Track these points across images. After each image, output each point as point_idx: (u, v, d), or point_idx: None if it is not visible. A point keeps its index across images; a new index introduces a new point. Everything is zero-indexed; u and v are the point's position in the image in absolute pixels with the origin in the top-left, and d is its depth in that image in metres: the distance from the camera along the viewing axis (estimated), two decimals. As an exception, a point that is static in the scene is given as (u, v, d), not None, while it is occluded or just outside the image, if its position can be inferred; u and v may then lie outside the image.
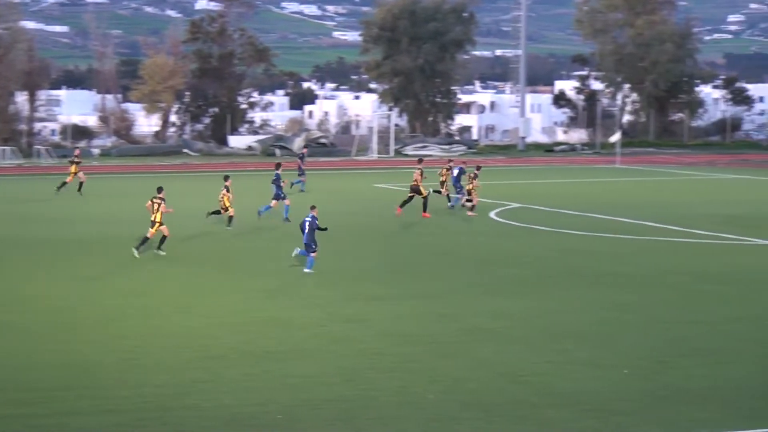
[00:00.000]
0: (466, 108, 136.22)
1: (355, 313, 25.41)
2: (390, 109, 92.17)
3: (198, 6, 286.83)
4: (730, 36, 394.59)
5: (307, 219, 31.04)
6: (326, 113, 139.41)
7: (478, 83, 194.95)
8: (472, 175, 44.88)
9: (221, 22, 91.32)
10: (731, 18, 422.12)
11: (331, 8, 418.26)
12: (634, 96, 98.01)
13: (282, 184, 42.73)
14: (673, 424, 17.18)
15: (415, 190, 43.37)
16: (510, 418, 17.51)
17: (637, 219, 42.43)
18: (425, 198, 43.19)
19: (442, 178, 46.18)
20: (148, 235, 33.41)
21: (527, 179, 61.47)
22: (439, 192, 45.92)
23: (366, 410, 17.88)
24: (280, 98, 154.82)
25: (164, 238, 33.49)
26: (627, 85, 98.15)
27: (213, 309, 25.51)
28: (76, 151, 55.23)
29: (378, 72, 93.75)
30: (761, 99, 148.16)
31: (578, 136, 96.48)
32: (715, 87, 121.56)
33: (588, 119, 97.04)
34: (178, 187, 51.74)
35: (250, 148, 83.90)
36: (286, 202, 41.81)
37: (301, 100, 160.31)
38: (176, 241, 34.56)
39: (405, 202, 43.66)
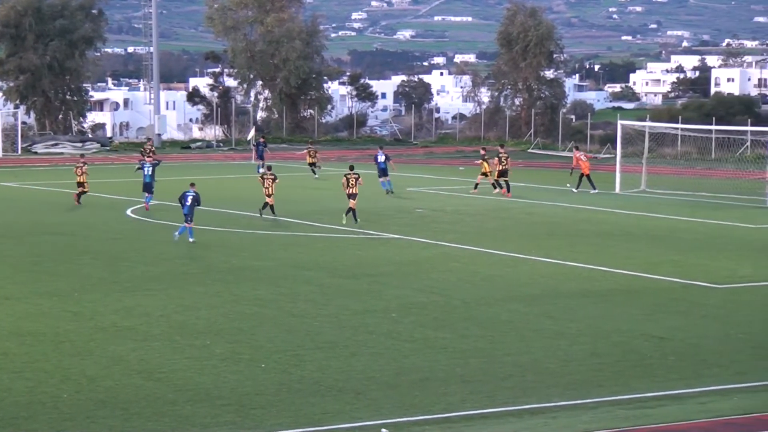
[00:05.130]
0: (100, 105, 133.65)
1: (-17, 314, 24.56)
2: (16, 107, 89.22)
3: None
4: (354, 33, 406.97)
5: (189, 194, 35.60)
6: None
7: (110, 80, 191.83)
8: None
9: None
10: (355, 16, 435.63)
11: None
12: (267, 93, 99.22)
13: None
14: (308, 416, 17.56)
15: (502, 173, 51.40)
16: (148, 414, 17.50)
17: (273, 215, 42.98)
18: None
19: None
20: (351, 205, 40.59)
21: (163, 176, 60.85)
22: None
23: (-6, 412, 17.40)
24: None
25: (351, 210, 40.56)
26: (260, 82, 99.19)
27: None
28: None
29: (2, 70, 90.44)
30: (383, 95, 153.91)
31: (214, 132, 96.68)
32: (341, 84, 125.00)
33: (223, 116, 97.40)
34: None
35: None
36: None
37: None
38: None
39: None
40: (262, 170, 59.98)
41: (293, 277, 29.74)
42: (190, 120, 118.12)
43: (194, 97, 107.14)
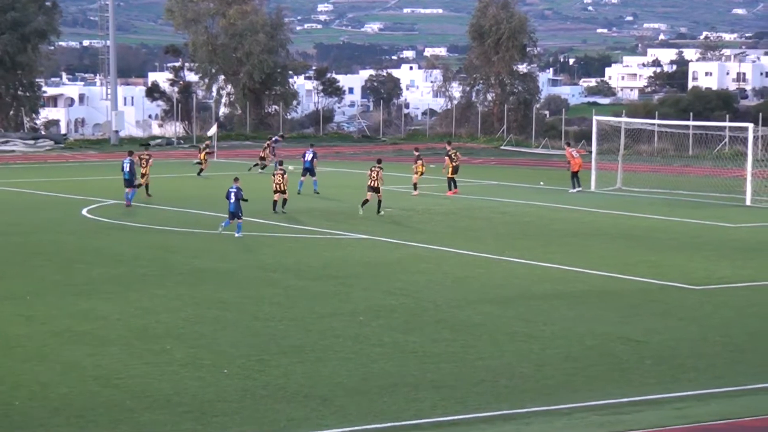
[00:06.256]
0: (53, 101, 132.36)
1: (-68, 319, 23.89)
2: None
3: None
4: (320, 26, 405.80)
5: (232, 189, 36.19)
6: None
7: (65, 75, 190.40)
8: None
9: None
10: (321, 8, 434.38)
11: None
12: (230, 88, 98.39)
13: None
14: (273, 423, 17.20)
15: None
16: (104, 422, 17.06)
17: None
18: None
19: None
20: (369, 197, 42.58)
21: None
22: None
23: (-56, 421, 16.88)
24: None
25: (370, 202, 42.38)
26: (222, 77, 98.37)
27: None
28: None
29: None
30: (351, 90, 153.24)
31: (174, 129, 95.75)
32: (307, 78, 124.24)
33: (184, 112, 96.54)
34: None
35: None
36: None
37: None
38: None
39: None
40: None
41: (258, 280, 29.21)
42: (150, 116, 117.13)
43: (154, 92, 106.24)
